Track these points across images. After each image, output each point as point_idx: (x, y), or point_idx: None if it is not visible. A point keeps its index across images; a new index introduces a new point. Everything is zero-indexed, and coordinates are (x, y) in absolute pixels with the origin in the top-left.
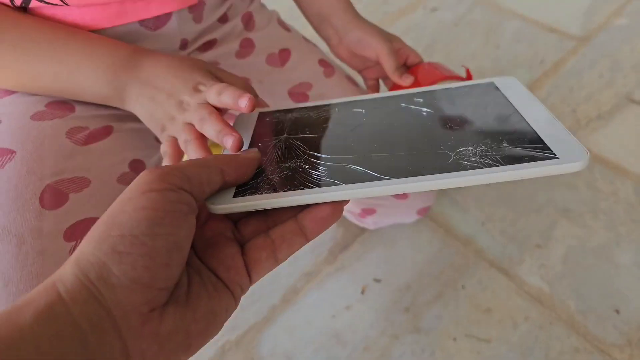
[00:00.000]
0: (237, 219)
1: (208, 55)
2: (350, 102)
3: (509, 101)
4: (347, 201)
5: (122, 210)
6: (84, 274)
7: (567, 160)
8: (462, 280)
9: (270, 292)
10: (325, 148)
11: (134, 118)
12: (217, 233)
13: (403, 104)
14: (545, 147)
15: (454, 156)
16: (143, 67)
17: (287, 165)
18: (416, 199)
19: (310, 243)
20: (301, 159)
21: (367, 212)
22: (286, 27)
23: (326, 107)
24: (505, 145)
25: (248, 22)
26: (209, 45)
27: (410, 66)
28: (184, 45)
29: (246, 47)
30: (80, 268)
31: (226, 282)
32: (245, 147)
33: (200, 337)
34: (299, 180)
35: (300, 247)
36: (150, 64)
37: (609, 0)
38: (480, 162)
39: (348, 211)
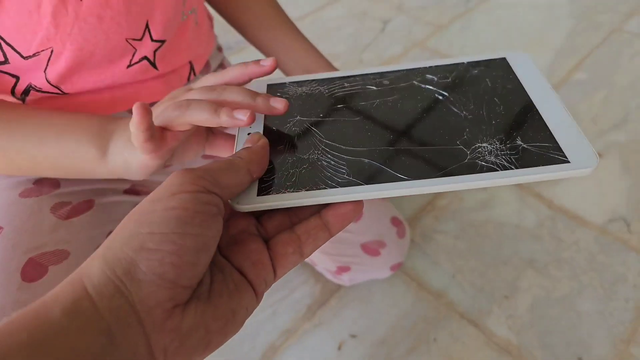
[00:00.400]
0: (259, 215)
1: None
2: (362, 75)
3: (522, 86)
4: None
5: (152, 209)
6: (111, 269)
7: (578, 165)
8: (434, 332)
9: (249, 349)
10: (341, 136)
11: (114, 192)
12: (241, 230)
13: (415, 82)
14: (557, 148)
15: (470, 154)
16: (124, 120)
17: (306, 157)
18: (389, 255)
19: (289, 300)
20: (319, 150)
21: (343, 269)
22: None
23: (337, 81)
24: (519, 143)
25: None
26: None
27: None
28: None
29: None
30: (108, 263)
31: (251, 278)
32: (259, 123)
33: (219, 335)
34: (320, 177)
35: (325, 242)
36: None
37: (569, 56)
38: (496, 162)
39: (324, 269)
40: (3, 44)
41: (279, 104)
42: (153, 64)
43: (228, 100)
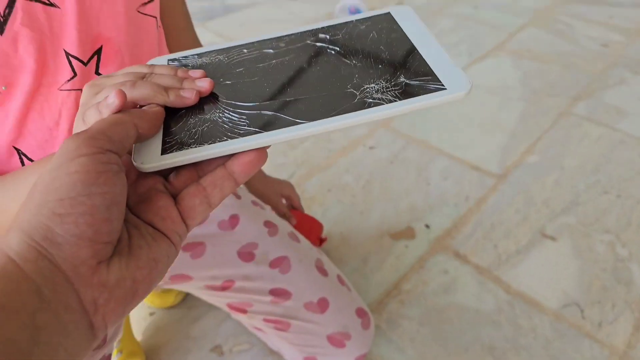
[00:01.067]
0: (167, 173)
1: None
2: (259, 41)
3: (405, 34)
4: (269, 146)
5: (55, 176)
6: (30, 237)
7: (454, 90)
8: None
9: None
10: (240, 95)
11: None
12: (149, 188)
13: (309, 41)
14: (436, 80)
15: (359, 95)
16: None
17: (208, 117)
18: (354, 347)
19: None
20: (219, 110)
21: (309, 359)
22: (237, 195)
23: (236, 49)
24: (402, 79)
25: None
26: None
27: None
28: None
29: None
30: (25, 232)
31: (164, 232)
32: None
33: (145, 283)
34: (222, 131)
35: (232, 191)
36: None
37: (522, 139)
38: (382, 98)
39: (291, 359)
40: (26, 161)
41: (205, 84)
42: None
43: (159, 82)
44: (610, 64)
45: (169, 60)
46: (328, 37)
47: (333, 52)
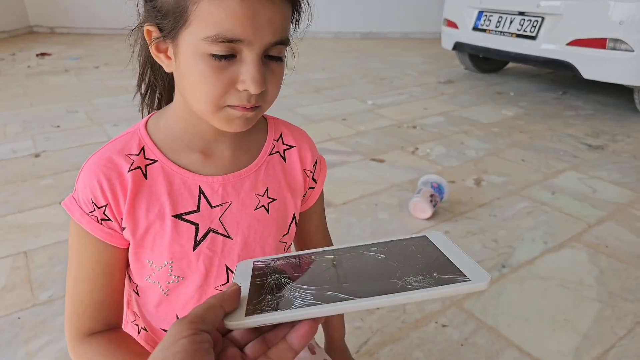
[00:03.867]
0: (242, 346)
1: None
2: (323, 251)
3: (437, 248)
4: (322, 318)
5: (163, 356)
6: None
7: (477, 281)
8: None
9: None
10: (306, 282)
11: None
12: (231, 358)
13: (361, 251)
14: (462, 274)
15: (401, 283)
16: None
17: (282, 294)
18: None
19: None
20: (291, 290)
21: None
22: (313, 351)
23: (306, 255)
24: (435, 274)
25: None
26: None
27: None
28: None
29: None
30: None
31: None
32: (247, 279)
33: None
34: (291, 302)
35: (293, 358)
36: None
37: (595, 343)
38: (419, 285)
39: None
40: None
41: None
42: None
43: None
44: None
45: (254, 261)
46: (377, 248)
47: (380, 257)
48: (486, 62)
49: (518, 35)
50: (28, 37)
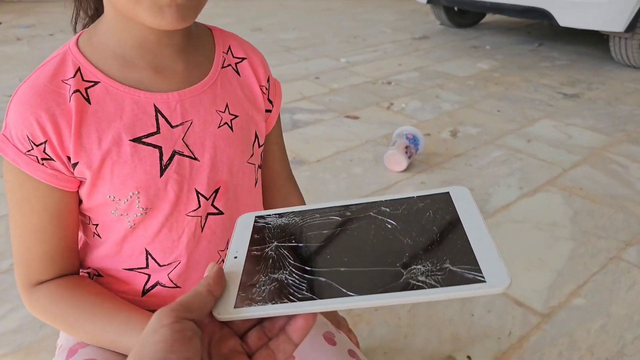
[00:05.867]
0: (242, 334)
1: None
2: (330, 207)
3: (458, 217)
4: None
5: (144, 344)
6: None
7: (493, 285)
8: None
9: None
10: (305, 259)
11: None
12: (230, 350)
13: (372, 213)
14: (478, 270)
15: (405, 274)
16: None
17: (276, 276)
18: None
19: None
20: (287, 271)
21: None
22: (333, 342)
23: (310, 212)
24: (447, 265)
25: None
26: None
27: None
28: None
29: None
30: None
31: None
32: (244, 248)
33: None
34: (284, 293)
35: (293, 350)
36: None
37: (569, 279)
38: (425, 282)
39: None
40: (150, 259)
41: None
42: None
43: None
44: None
45: (256, 217)
46: (389, 210)
47: (390, 226)
48: (462, 16)
49: None
50: None
